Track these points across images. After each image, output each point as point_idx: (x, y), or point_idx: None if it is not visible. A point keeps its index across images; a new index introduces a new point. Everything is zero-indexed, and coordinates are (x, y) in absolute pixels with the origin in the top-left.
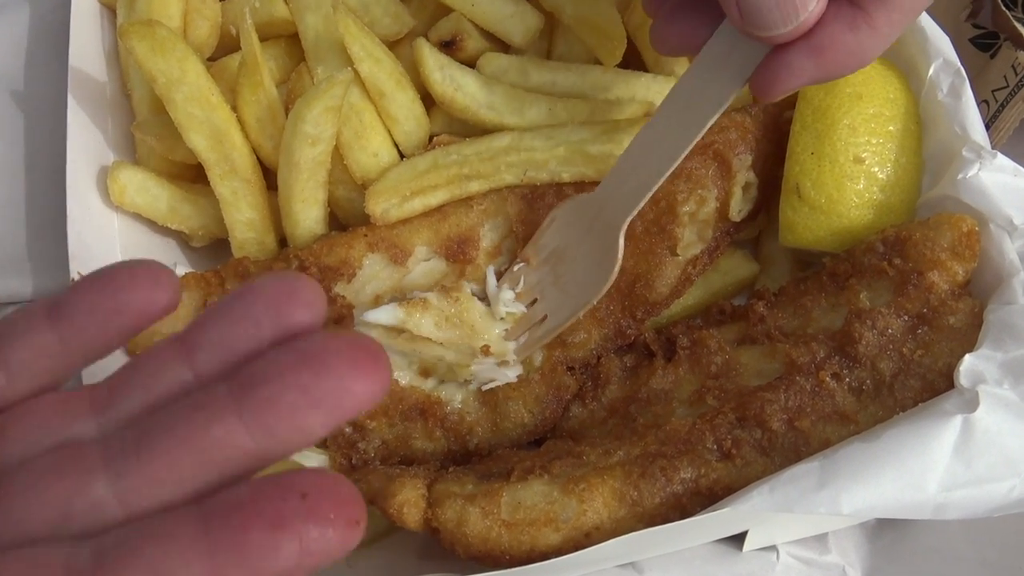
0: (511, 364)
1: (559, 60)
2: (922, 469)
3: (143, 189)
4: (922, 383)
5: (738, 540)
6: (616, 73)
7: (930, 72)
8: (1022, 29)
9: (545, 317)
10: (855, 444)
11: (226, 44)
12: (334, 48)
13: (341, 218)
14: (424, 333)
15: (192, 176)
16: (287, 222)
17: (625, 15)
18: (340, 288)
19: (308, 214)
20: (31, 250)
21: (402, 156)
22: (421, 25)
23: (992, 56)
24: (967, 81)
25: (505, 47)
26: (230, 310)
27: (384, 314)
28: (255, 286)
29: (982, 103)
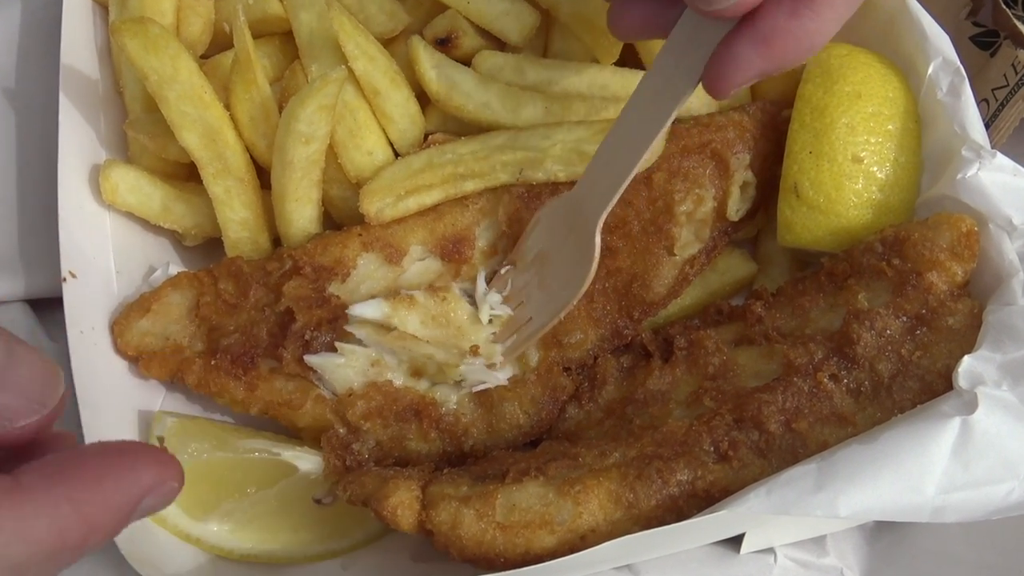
0: (499, 367)
1: (555, 58)
2: (920, 471)
3: (135, 188)
4: (921, 384)
5: (735, 542)
6: (613, 71)
7: (929, 71)
8: (1022, 27)
9: (531, 319)
10: (853, 446)
11: (219, 42)
12: (328, 46)
13: (335, 217)
14: (410, 330)
15: (185, 175)
16: (281, 221)
17: None
18: (334, 288)
19: (302, 213)
20: (22, 249)
21: (397, 155)
22: (416, 23)
23: (992, 54)
24: (967, 80)
25: (501, 45)
26: None
27: (370, 308)
28: None
29: (982, 102)
